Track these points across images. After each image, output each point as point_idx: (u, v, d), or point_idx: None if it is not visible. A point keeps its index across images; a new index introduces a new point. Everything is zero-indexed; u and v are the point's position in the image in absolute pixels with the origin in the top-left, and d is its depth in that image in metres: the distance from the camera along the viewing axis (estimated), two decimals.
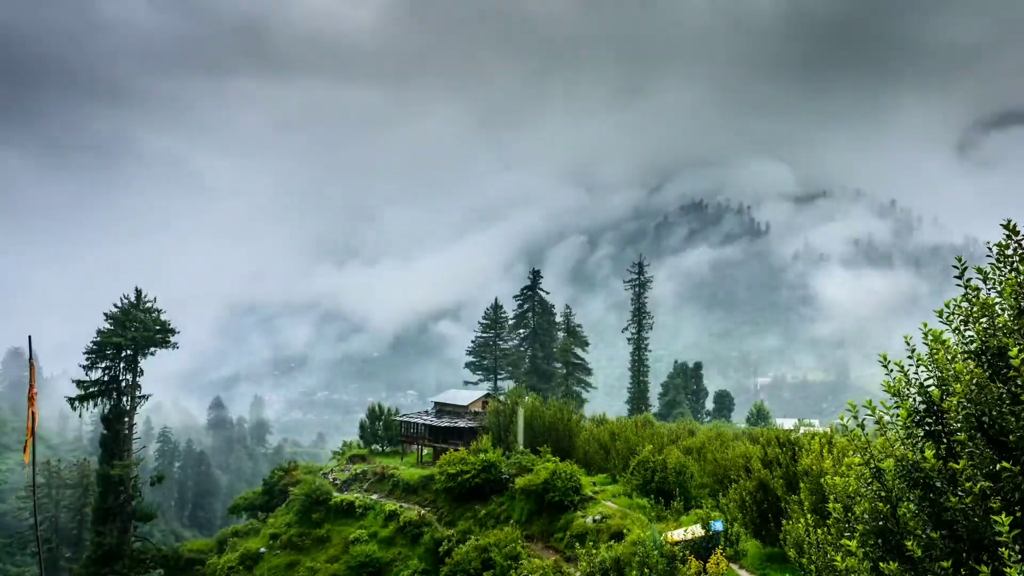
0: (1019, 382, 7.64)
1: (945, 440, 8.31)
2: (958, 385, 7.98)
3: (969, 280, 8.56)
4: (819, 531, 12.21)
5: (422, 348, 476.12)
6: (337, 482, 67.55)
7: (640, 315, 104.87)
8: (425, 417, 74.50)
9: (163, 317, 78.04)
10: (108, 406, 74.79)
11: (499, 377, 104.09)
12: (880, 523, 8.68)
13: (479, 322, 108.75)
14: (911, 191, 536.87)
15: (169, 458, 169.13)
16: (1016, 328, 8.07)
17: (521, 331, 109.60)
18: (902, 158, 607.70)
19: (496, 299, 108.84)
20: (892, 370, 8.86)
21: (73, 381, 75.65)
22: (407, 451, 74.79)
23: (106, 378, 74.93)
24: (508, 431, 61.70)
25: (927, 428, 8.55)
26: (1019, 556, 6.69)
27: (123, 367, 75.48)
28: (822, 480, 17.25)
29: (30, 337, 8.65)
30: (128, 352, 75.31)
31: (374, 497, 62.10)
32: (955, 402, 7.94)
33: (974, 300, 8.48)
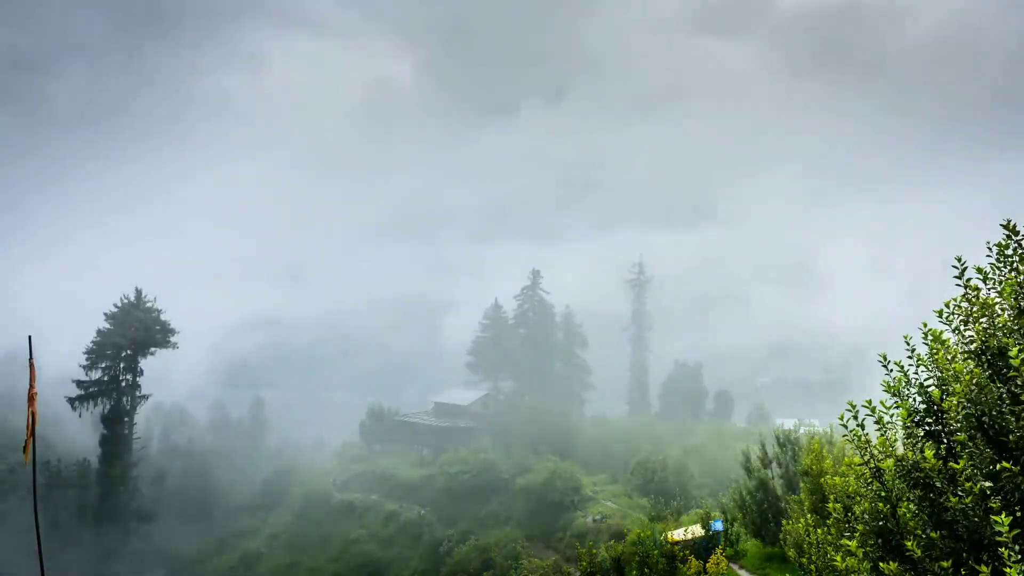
0: (1019, 382, 7.62)
1: (945, 440, 8.30)
2: (958, 385, 7.96)
3: (969, 280, 8.54)
4: (819, 531, 12.20)
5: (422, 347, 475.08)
6: (337, 482, 67.52)
7: (640, 315, 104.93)
8: (425, 417, 74.53)
9: (163, 317, 78.10)
10: (108, 406, 74.83)
11: (499, 377, 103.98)
12: (880, 523, 8.67)
13: (479, 322, 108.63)
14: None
15: (169, 458, 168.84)
16: (1016, 328, 8.05)
17: (521, 331, 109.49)
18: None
19: (496, 299, 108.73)
20: (892, 370, 8.84)
21: (73, 381, 75.67)
22: (407, 451, 74.80)
23: (106, 378, 74.98)
24: (508, 431, 61.76)
25: (927, 428, 8.54)
26: (1019, 556, 6.68)
27: (123, 367, 75.55)
28: (822, 480, 17.26)
29: (30, 337, 8.68)
30: (128, 352, 75.36)
31: (374, 497, 62.06)
32: (955, 402, 7.92)
33: (974, 300, 8.47)
